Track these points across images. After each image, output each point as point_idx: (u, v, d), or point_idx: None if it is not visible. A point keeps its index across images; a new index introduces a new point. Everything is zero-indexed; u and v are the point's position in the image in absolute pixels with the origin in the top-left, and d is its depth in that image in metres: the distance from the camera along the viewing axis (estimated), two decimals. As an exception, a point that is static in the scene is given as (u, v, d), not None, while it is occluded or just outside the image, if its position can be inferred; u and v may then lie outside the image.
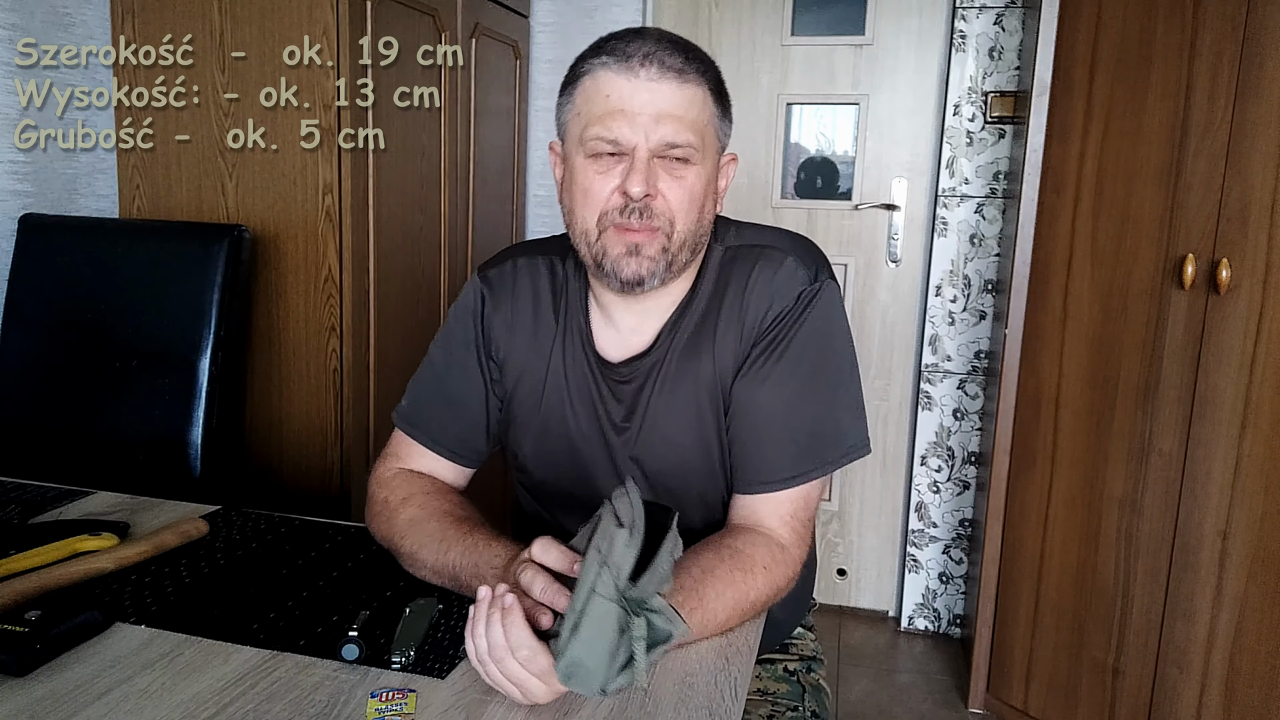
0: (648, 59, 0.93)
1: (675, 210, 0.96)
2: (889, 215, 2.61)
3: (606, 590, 0.70)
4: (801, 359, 1.00)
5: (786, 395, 1.00)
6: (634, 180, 0.93)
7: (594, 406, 1.06)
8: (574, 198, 0.99)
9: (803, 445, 1.00)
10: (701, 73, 0.96)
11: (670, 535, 0.77)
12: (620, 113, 0.93)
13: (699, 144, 0.96)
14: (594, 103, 0.95)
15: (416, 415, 1.13)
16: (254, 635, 0.90)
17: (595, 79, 0.96)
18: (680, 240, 0.97)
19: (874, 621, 2.73)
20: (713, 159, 1.00)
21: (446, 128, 2.18)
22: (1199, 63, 1.73)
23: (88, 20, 1.91)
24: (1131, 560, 1.89)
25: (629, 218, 0.95)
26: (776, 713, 1.13)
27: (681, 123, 0.94)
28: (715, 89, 0.98)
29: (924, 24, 2.52)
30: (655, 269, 0.97)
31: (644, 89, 0.93)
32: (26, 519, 1.16)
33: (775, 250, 1.04)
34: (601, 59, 0.95)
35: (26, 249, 1.75)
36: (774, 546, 0.97)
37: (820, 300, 1.01)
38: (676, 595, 0.86)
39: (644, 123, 0.93)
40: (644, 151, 0.94)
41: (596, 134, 0.94)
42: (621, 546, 0.72)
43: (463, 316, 1.12)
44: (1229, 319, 1.71)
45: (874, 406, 2.68)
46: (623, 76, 0.94)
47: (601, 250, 0.97)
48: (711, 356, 1.02)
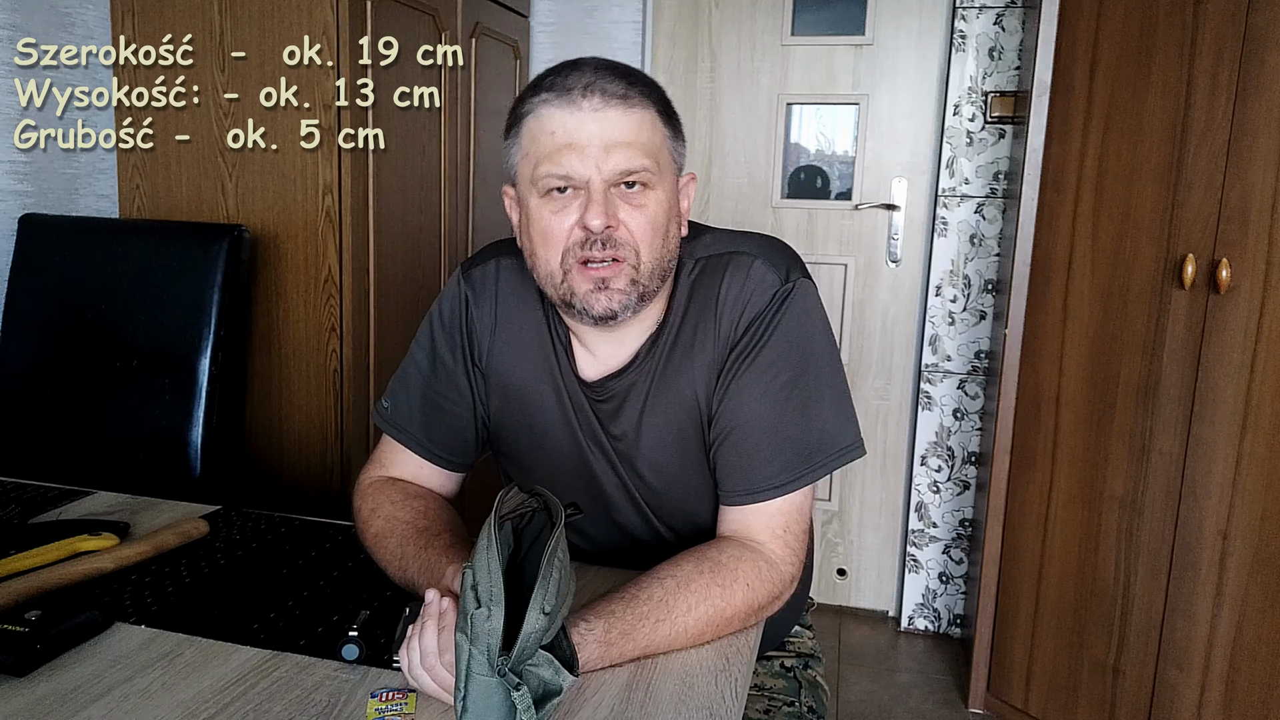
0: (589, 89, 0.92)
1: (639, 239, 0.94)
2: (889, 215, 2.61)
3: (481, 669, 0.69)
4: (780, 362, 0.98)
5: (768, 401, 0.98)
6: (592, 213, 0.91)
7: (580, 424, 1.05)
8: (534, 240, 0.97)
9: (788, 451, 0.97)
10: (646, 95, 0.95)
11: (550, 551, 0.74)
12: (568, 147, 0.91)
13: (654, 167, 0.94)
14: (540, 141, 0.93)
15: (402, 419, 1.11)
16: (254, 635, 0.90)
17: (538, 117, 0.93)
18: (649, 269, 0.95)
19: (874, 621, 2.73)
20: (670, 181, 0.97)
21: (446, 128, 2.18)
22: (1199, 62, 1.73)
23: (88, 20, 1.91)
24: (1131, 560, 1.89)
25: (591, 249, 0.92)
26: (773, 708, 1.13)
27: (633, 148, 0.92)
28: (663, 110, 0.97)
29: (924, 24, 2.52)
30: (627, 301, 0.94)
31: (589, 120, 0.91)
32: (26, 519, 1.16)
33: (743, 255, 1.01)
34: (541, 96, 0.93)
35: (26, 249, 1.75)
36: (761, 563, 0.95)
37: (794, 300, 0.98)
38: (647, 605, 0.85)
39: (594, 154, 0.91)
40: (599, 183, 0.92)
41: (547, 171, 0.92)
42: (483, 624, 0.70)
43: (447, 318, 1.10)
44: (1229, 319, 1.71)
45: (874, 406, 2.68)
46: (565, 110, 0.92)
47: (569, 290, 0.95)
48: (691, 374, 1.00)
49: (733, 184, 2.71)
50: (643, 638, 0.85)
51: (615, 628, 0.83)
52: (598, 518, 1.09)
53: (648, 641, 0.85)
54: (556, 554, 0.73)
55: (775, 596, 0.95)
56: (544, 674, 0.71)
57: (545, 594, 0.71)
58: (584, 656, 0.81)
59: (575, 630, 0.81)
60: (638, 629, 0.84)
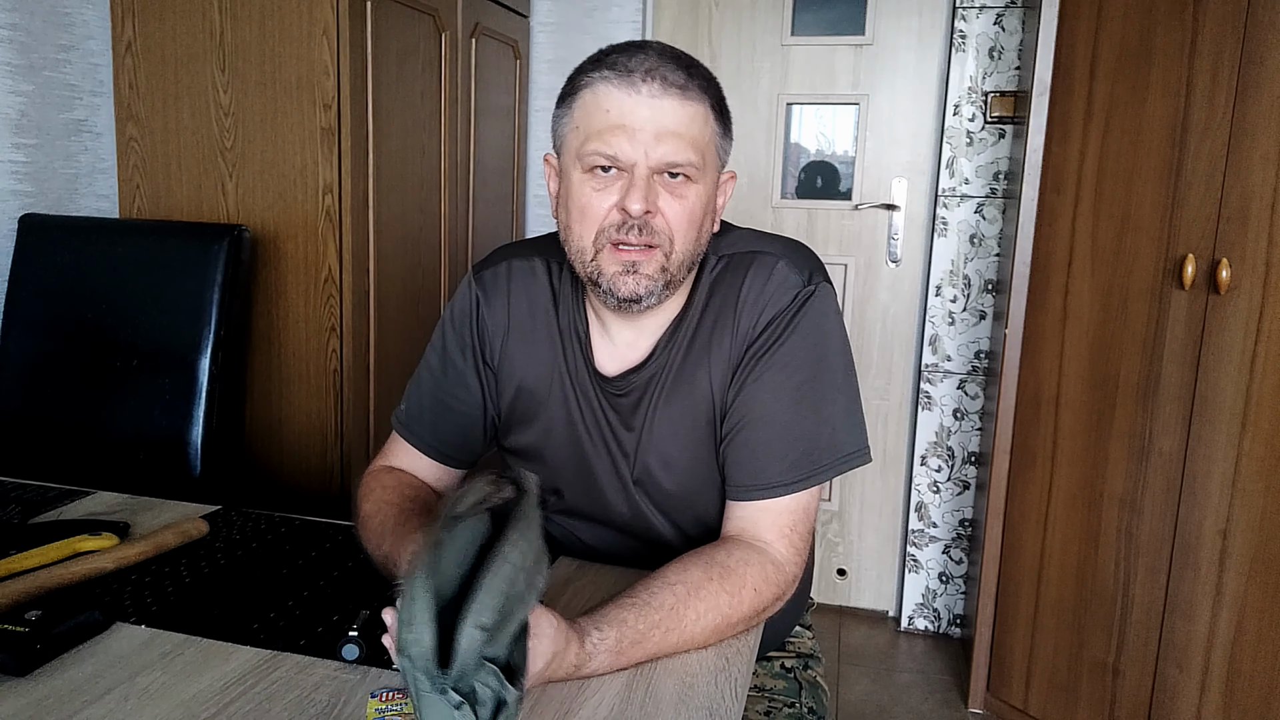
0: (650, 74, 0.92)
1: (675, 229, 0.94)
2: (889, 215, 2.61)
3: (425, 687, 0.67)
4: (796, 361, 0.98)
5: (781, 399, 0.98)
6: (633, 197, 0.92)
7: (597, 420, 1.05)
8: (570, 214, 0.97)
9: (799, 450, 0.98)
10: (704, 90, 0.95)
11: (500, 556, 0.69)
12: (621, 128, 0.91)
13: (700, 163, 0.94)
14: (593, 117, 0.93)
15: (412, 419, 1.13)
16: (254, 635, 0.90)
17: (595, 93, 0.93)
18: (679, 259, 0.96)
19: (874, 621, 2.73)
20: (713, 177, 0.98)
21: (446, 128, 2.18)
22: (1199, 62, 1.73)
23: (88, 20, 1.91)
24: (1131, 560, 1.89)
25: (627, 234, 0.93)
26: (774, 708, 1.13)
27: (683, 141, 0.92)
28: (717, 106, 0.97)
29: (924, 24, 2.52)
30: (653, 287, 0.95)
31: (645, 105, 0.91)
32: (26, 519, 1.16)
33: (767, 255, 1.02)
34: (602, 72, 0.93)
35: (26, 249, 1.75)
36: (768, 565, 0.95)
37: (814, 303, 0.99)
38: (659, 613, 0.85)
39: (644, 139, 0.91)
40: (644, 169, 0.92)
41: (595, 149, 0.92)
42: (413, 645, 0.67)
43: (458, 319, 1.11)
44: (1229, 319, 1.71)
45: (874, 406, 2.68)
46: (623, 91, 0.92)
47: (597, 269, 0.95)
48: (708, 370, 1.01)
49: (733, 184, 2.70)
50: (653, 645, 0.85)
51: (627, 636, 0.83)
52: (601, 515, 1.10)
53: (657, 648, 0.86)
54: (509, 558, 0.69)
55: (779, 598, 0.96)
56: (492, 686, 0.68)
57: (483, 607, 0.67)
58: (595, 664, 0.81)
59: (588, 639, 0.81)
60: (648, 637, 0.85)
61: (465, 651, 0.66)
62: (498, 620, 0.68)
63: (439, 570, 0.69)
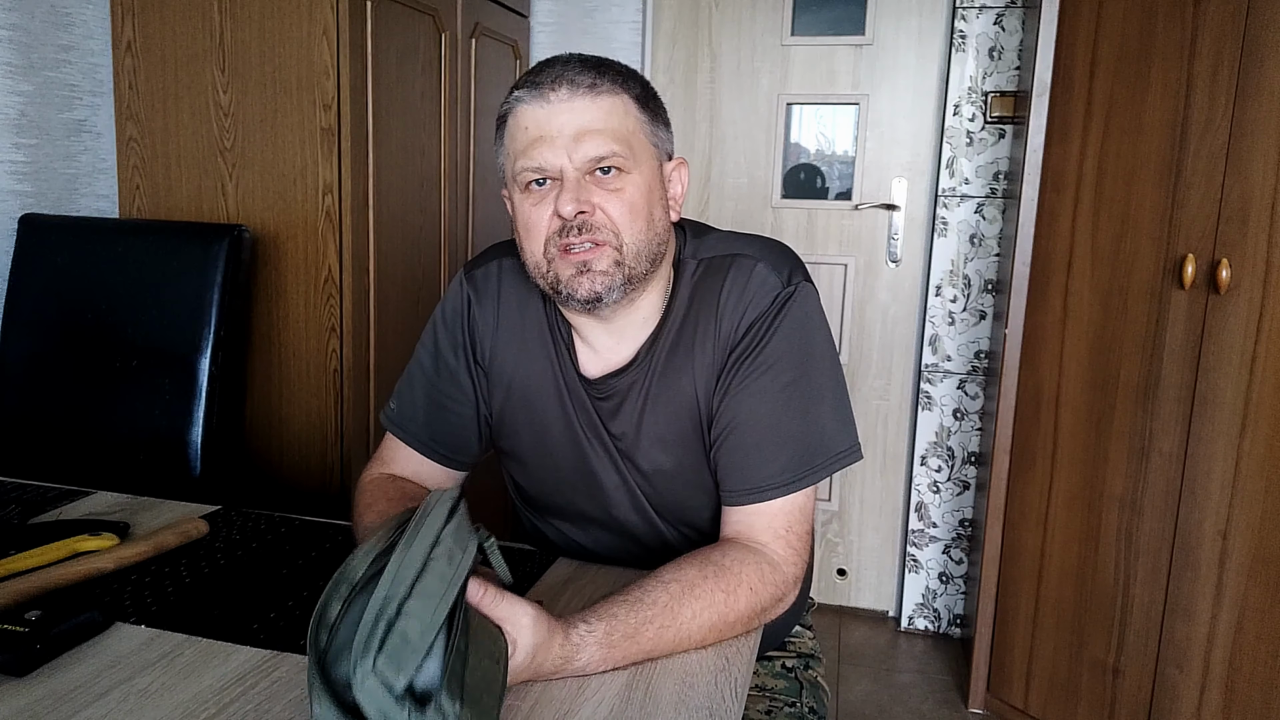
0: (556, 82, 0.94)
1: (618, 222, 0.95)
2: (889, 215, 2.61)
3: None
4: (781, 363, 0.98)
5: (768, 400, 0.98)
6: (563, 200, 0.93)
7: (591, 421, 1.05)
8: (520, 235, 1.00)
9: (790, 451, 0.98)
10: (618, 83, 0.96)
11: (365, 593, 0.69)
12: (540, 139, 0.94)
13: (626, 152, 0.95)
14: (517, 138, 0.96)
15: (406, 419, 1.13)
16: (254, 635, 0.89)
17: (515, 115, 0.97)
18: (633, 251, 0.96)
19: (874, 621, 2.73)
20: (650, 165, 0.99)
21: (446, 128, 2.18)
22: (1199, 62, 1.73)
23: (88, 20, 1.91)
24: (1131, 560, 1.89)
25: (569, 235, 0.94)
26: (774, 708, 1.13)
27: (602, 135, 0.94)
28: (640, 97, 0.98)
29: (924, 24, 2.52)
30: (611, 283, 0.95)
31: (558, 112, 0.94)
32: (26, 519, 1.16)
33: (745, 258, 1.02)
34: (516, 94, 0.97)
35: (26, 249, 1.75)
36: (765, 565, 0.94)
37: (795, 303, 0.99)
38: (651, 609, 0.84)
39: (564, 144, 0.93)
40: (571, 171, 0.94)
41: (523, 166, 0.95)
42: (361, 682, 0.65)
43: (449, 318, 1.11)
44: (1229, 319, 1.71)
45: (874, 406, 2.68)
46: (536, 105, 0.95)
47: (555, 277, 0.97)
48: (691, 375, 1.01)
49: (732, 184, 2.71)
50: (647, 642, 0.85)
51: (617, 630, 0.83)
52: (599, 515, 1.10)
53: (652, 646, 0.85)
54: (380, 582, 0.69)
55: (778, 599, 0.95)
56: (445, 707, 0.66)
57: (365, 649, 0.65)
58: (584, 659, 0.81)
59: (575, 631, 0.81)
60: (641, 632, 0.84)
61: (372, 704, 0.64)
62: (382, 640, 0.66)
63: (334, 634, 0.68)
